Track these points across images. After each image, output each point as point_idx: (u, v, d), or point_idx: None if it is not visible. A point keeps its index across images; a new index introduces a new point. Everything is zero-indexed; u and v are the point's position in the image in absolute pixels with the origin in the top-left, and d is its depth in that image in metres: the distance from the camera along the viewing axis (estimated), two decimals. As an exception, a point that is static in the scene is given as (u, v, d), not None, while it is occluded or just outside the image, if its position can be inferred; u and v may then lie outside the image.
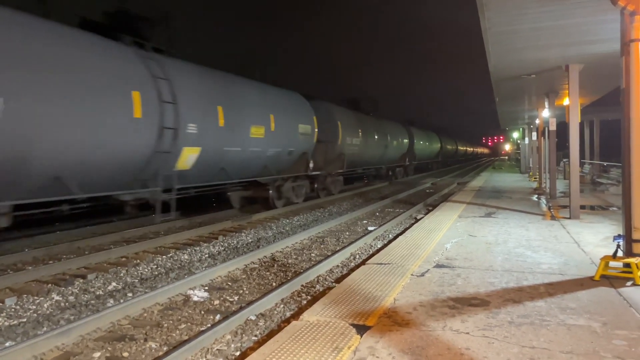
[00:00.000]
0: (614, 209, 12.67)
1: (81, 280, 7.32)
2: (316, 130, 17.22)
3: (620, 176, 13.58)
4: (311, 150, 16.98)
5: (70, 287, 6.99)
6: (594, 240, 8.44)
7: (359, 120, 23.25)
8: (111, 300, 6.51)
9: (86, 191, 8.67)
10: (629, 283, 5.67)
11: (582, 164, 25.50)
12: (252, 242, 10.47)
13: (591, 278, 5.92)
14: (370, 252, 9.23)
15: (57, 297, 6.57)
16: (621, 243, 6.12)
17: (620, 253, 6.04)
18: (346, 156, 20.23)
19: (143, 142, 9.40)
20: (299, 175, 16.62)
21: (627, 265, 5.86)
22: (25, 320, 5.79)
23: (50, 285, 7.10)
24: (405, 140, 32.93)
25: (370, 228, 12.22)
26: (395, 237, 10.09)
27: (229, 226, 12.05)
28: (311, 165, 16.74)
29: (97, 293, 6.85)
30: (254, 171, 13.94)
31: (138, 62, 9.57)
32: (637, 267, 5.76)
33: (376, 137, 25.56)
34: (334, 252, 9.12)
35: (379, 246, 9.85)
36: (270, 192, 14.86)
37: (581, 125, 21.79)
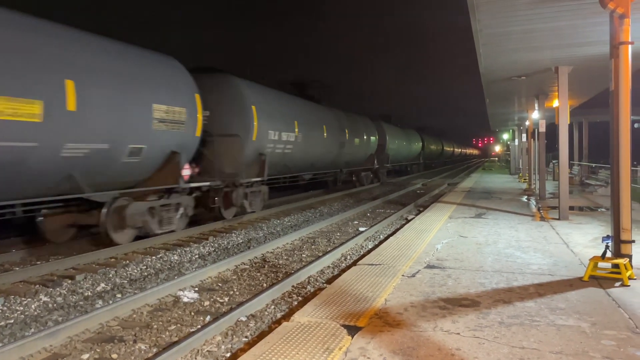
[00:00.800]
0: (603, 210, 12.80)
1: (69, 281, 7.25)
2: (199, 116, 10.90)
3: (608, 177, 13.72)
4: (190, 148, 10.88)
5: (58, 288, 6.91)
6: (583, 241, 8.51)
7: (295, 107, 16.84)
8: (100, 302, 6.45)
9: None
10: (617, 284, 5.72)
11: (571, 166, 25.71)
12: (242, 242, 10.43)
13: (580, 279, 5.96)
14: (362, 253, 9.23)
15: (45, 298, 6.50)
16: (610, 244, 6.18)
17: (609, 254, 6.10)
18: (269, 157, 14.02)
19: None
20: (164, 190, 10.34)
21: (616, 266, 5.92)
22: (12, 321, 5.72)
23: (38, 286, 7.02)
24: (374, 138, 26.88)
25: (361, 229, 12.22)
26: (386, 238, 10.11)
27: (220, 227, 11.99)
28: (187, 172, 10.60)
29: (86, 294, 6.78)
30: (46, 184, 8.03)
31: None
32: (626, 268, 5.81)
33: (326, 132, 19.08)
34: (325, 253, 9.11)
35: (370, 247, 9.85)
36: (104, 217, 8.93)
37: (570, 126, 21.96)
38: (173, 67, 10.62)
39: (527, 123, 23.66)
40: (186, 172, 10.52)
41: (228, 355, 4.82)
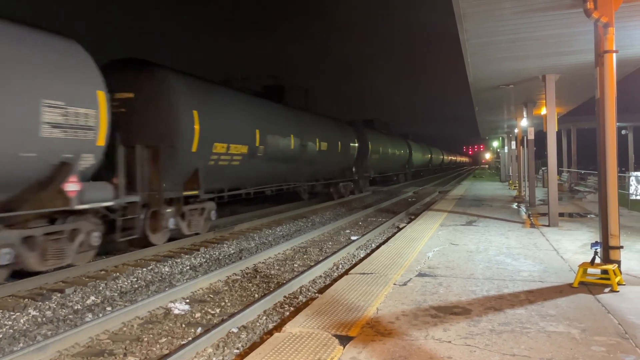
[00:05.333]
0: (592, 216, 12.90)
1: (59, 295, 7.16)
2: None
3: (597, 184, 13.85)
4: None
5: (47, 302, 6.83)
6: (572, 247, 8.57)
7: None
8: (90, 315, 6.38)
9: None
10: (606, 289, 5.76)
11: (560, 172, 25.95)
12: (234, 253, 10.39)
13: (570, 285, 6.01)
14: (353, 262, 9.23)
15: (34, 312, 6.42)
16: (599, 250, 6.23)
17: (598, 260, 6.15)
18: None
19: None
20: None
21: (605, 272, 5.97)
22: (0, 336, 5.64)
23: (26, 300, 6.94)
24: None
25: (353, 237, 12.23)
26: (378, 247, 10.11)
27: (211, 237, 11.94)
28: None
29: (75, 307, 6.70)
30: None
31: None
32: (615, 274, 5.86)
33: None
34: (317, 263, 9.09)
35: (362, 255, 9.85)
36: None
37: (558, 134, 22.21)
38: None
39: (516, 131, 23.86)
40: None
41: (219, 367, 4.79)
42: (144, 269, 8.70)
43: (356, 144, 25.36)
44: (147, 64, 10.66)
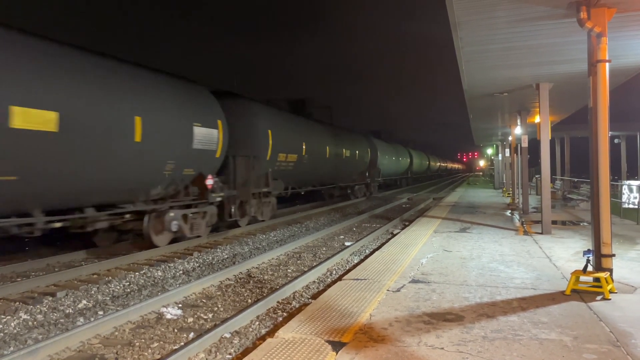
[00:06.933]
0: (585, 224, 12.97)
1: (50, 299, 7.12)
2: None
3: (590, 192, 13.93)
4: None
5: (38, 306, 6.78)
6: (565, 255, 8.61)
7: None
8: (81, 319, 6.34)
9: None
10: (598, 297, 5.79)
11: (553, 180, 26.09)
12: (227, 258, 10.36)
13: (562, 292, 6.03)
14: (347, 268, 9.22)
15: (24, 316, 6.37)
16: (591, 258, 6.26)
17: (590, 268, 6.18)
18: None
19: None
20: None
21: (597, 279, 6.00)
22: (-10, 340, 5.59)
23: (17, 303, 6.88)
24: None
25: (347, 243, 12.22)
26: (371, 253, 10.12)
27: (205, 242, 11.91)
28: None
29: (67, 311, 6.66)
30: None
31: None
32: (607, 282, 5.89)
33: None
34: (311, 268, 9.08)
35: (355, 261, 9.85)
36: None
37: (552, 142, 22.28)
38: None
39: (510, 138, 23.98)
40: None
41: (211, 372, 4.76)
42: (137, 273, 8.65)
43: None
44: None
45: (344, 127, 26.69)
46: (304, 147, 17.62)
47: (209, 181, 11.54)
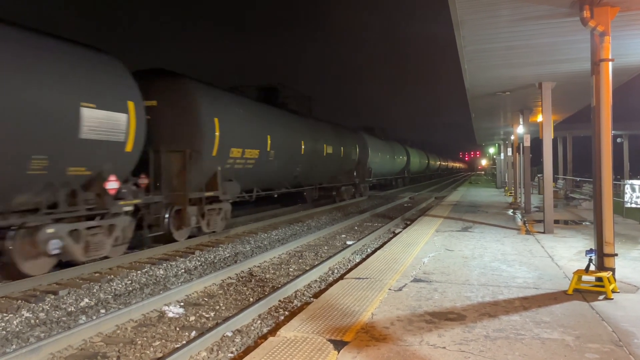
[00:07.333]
0: (587, 223, 12.95)
1: (52, 297, 7.13)
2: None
3: (592, 191, 13.91)
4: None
5: (40, 304, 6.80)
6: (567, 254, 8.59)
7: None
8: (83, 317, 6.35)
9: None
10: (601, 297, 5.78)
11: (555, 180, 26.05)
12: (229, 256, 10.36)
13: (565, 292, 6.02)
14: (349, 267, 9.22)
15: (27, 314, 6.38)
16: (593, 257, 6.25)
17: (592, 267, 6.17)
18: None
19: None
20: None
21: (599, 279, 5.98)
22: (-8, 338, 5.61)
23: (20, 301, 6.90)
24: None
25: (348, 242, 12.22)
26: (373, 252, 10.11)
27: (206, 240, 11.91)
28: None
29: (69, 309, 6.67)
30: None
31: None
32: (609, 281, 5.88)
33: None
34: (313, 267, 9.09)
35: (357, 260, 9.84)
36: None
37: (554, 141, 22.28)
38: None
39: (512, 137, 23.95)
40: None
41: (213, 371, 4.77)
42: (139, 272, 8.67)
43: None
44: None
45: (328, 120, 23.21)
46: (268, 141, 14.42)
47: (111, 184, 8.71)
